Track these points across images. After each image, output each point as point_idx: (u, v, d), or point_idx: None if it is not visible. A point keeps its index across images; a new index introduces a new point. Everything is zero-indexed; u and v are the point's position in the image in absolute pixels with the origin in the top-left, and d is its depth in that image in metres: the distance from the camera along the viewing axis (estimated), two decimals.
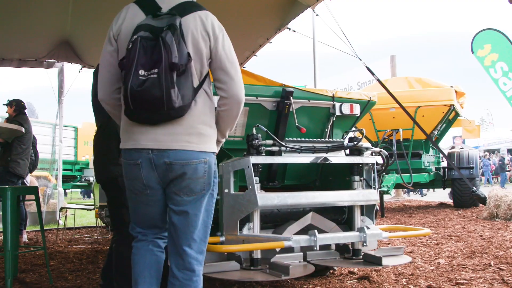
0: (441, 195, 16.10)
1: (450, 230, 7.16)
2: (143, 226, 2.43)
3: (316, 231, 3.08)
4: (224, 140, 2.50)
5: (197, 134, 2.25)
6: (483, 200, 9.05)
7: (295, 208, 3.59)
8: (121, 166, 2.43)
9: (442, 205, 11.99)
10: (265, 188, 3.86)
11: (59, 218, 7.60)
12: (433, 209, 11.11)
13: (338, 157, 3.57)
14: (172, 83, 2.07)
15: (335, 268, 4.32)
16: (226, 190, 3.24)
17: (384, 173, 9.55)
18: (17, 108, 6.65)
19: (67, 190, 17.81)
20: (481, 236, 6.43)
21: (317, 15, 7.49)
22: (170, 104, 2.08)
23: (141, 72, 2.07)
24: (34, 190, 4.48)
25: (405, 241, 6.22)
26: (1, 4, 6.83)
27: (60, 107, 9.85)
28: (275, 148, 3.45)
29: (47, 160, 11.84)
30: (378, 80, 7.95)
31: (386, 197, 15.61)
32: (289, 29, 8.14)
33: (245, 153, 3.39)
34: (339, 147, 3.60)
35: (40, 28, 8.09)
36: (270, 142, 3.45)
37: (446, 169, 10.97)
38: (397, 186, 10.71)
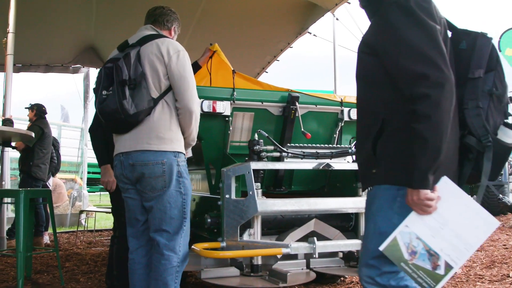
0: None
1: None
2: (130, 222, 2.90)
3: (315, 238, 3.04)
4: (192, 143, 2.93)
5: (156, 137, 2.69)
6: (510, 208, 8.80)
7: (300, 214, 3.56)
8: None
9: None
10: (271, 193, 3.84)
11: (79, 220, 7.73)
12: None
13: (341, 164, 3.51)
14: (124, 95, 2.59)
15: (346, 276, 4.25)
16: (227, 196, 3.22)
17: None
18: (38, 113, 6.76)
19: (96, 193, 18.12)
20: (505, 245, 6.24)
21: (337, 19, 7.44)
22: (124, 111, 2.59)
23: (104, 92, 2.66)
24: (46, 193, 4.56)
25: None
26: (27, 11, 7.01)
27: (86, 111, 10.05)
28: (276, 154, 3.43)
29: (74, 163, 12.07)
30: None
31: None
32: (310, 33, 8.12)
33: (246, 158, 3.38)
34: (343, 153, 3.54)
35: (65, 34, 8.28)
36: (272, 147, 3.43)
37: None
38: None
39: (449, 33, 1.99)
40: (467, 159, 1.90)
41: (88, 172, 11.04)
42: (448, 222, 1.70)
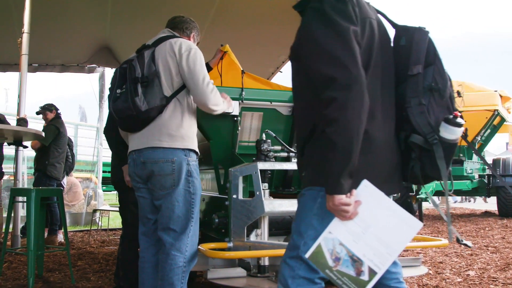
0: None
1: (488, 240, 6.87)
2: (141, 220, 2.97)
3: None
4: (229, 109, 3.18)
5: (167, 134, 2.73)
6: None
7: None
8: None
9: (486, 214, 11.54)
10: (281, 194, 3.82)
11: (92, 219, 7.80)
12: (476, 217, 10.71)
13: None
14: (136, 92, 2.65)
15: None
16: (234, 196, 3.21)
17: None
18: (56, 112, 6.88)
19: (113, 192, 18.25)
20: None
21: None
22: (136, 108, 2.65)
23: (118, 91, 2.74)
24: (57, 192, 4.60)
25: (438, 250, 6.01)
26: (43, 12, 7.09)
27: (101, 111, 10.12)
28: (284, 154, 3.41)
29: (90, 163, 12.18)
30: None
31: (430, 204, 15.16)
32: None
33: (254, 158, 3.36)
34: None
35: (80, 34, 8.33)
36: (280, 147, 3.41)
37: (491, 176, 10.55)
38: (440, 193, 10.41)
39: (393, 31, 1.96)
40: (411, 158, 1.85)
41: (104, 171, 11.11)
42: (369, 227, 1.66)
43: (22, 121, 5.31)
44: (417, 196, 9.03)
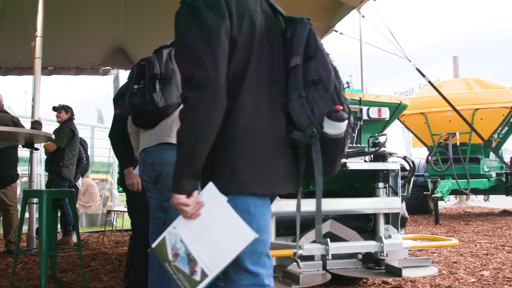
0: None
1: (505, 240, 6.76)
2: (152, 220, 2.96)
3: (328, 239, 3.00)
4: None
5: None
6: None
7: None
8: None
9: (505, 213, 11.36)
10: (290, 194, 3.80)
11: (106, 219, 7.88)
12: (494, 216, 10.54)
13: (358, 163, 3.44)
14: (154, 89, 2.67)
15: (368, 278, 4.18)
16: None
17: (439, 179, 9.20)
18: (71, 115, 6.96)
19: None
20: None
21: (363, 16, 7.32)
22: (154, 104, 2.65)
23: (135, 86, 2.76)
24: (69, 193, 4.64)
25: (453, 250, 5.93)
26: (58, 16, 7.18)
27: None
28: None
29: (106, 164, 12.28)
30: (430, 82, 7.67)
31: (448, 203, 15.02)
32: (336, 31, 7.99)
33: None
34: (359, 152, 3.48)
35: (94, 36, 8.44)
36: None
37: (509, 174, 10.39)
38: (456, 192, 10.30)
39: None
40: (299, 156, 1.76)
41: (119, 173, 11.21)
42: (208, 230, 1.67)
43: (36, 124, 5.39)
44: (433, 195, 8.93)
